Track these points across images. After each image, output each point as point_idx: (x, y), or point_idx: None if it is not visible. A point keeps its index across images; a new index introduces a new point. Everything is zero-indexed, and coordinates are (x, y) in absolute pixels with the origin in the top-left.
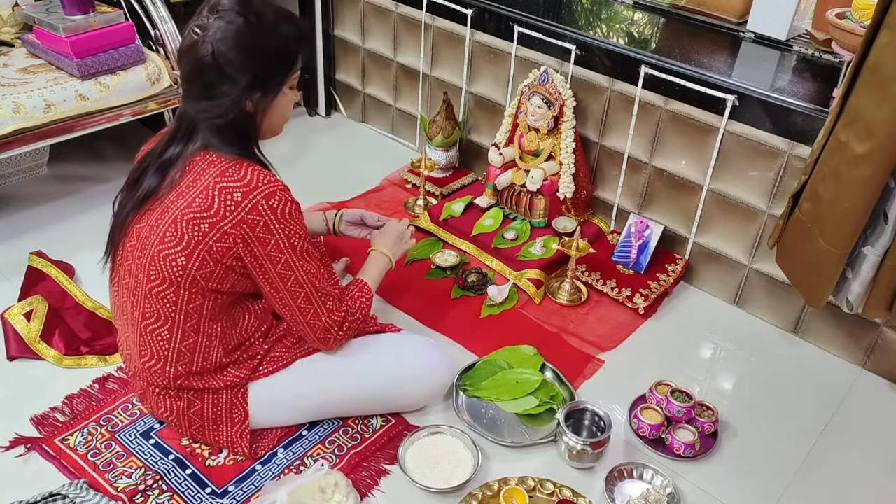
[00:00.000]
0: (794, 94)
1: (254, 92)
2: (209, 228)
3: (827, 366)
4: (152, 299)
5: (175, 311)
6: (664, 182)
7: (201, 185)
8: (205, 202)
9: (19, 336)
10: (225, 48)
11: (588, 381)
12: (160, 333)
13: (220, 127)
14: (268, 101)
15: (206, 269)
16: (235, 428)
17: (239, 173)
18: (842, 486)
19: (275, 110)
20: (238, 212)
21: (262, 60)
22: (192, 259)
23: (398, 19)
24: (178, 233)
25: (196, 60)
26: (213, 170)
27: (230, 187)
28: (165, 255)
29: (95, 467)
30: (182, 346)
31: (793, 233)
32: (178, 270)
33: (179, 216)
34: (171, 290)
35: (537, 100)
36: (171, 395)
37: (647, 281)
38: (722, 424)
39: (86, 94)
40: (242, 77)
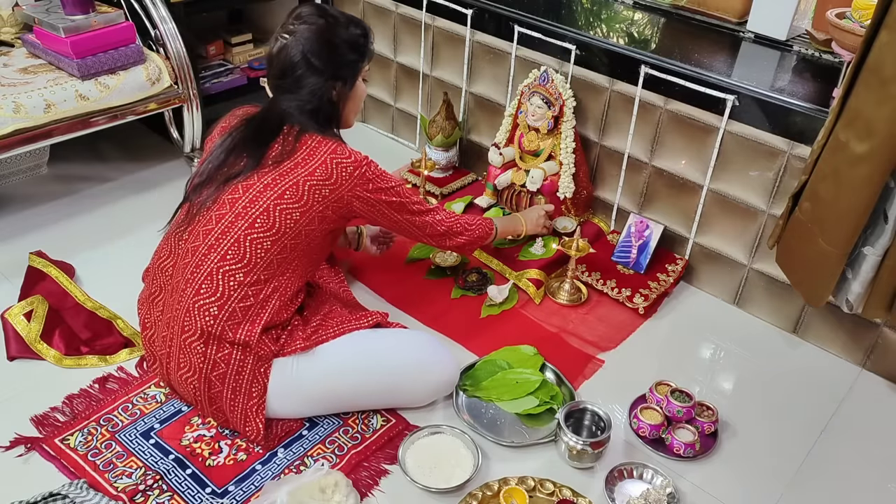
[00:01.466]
0: (794, 94)
1: (336, 82)
2: (329, 193)
3: (827, 366)
4: (245, 243)
5: (263, 257)
6: (664, 182)
7: (318, 159)
8: (325, 172)
9: (19, 336)
10: (312, 46)
11: (588, 381)
12: (235, 275)
13: (311, 112)
14: (347, 89)
15: (311, 227)
16: (252, 402)
17: (346, 152)
18: (842, 485)
19: (352, 99)
20: (351, 180)
21: (341, 53)
22: (304, 216)
23: (398, 19)
24: (299, 193)
25: (287, 59)
26: (324, 147)
27: (344, 162)
28: (283, 209)
29: (95, 467)
30: (250, 289)
31: (793, 233)
32: (291, 223)
33: (301, 181)
34: (271, 239)
35: (537, 100)
36: (200, 351)
37: (647, 281)
38: (722, 424)
39: (86, 94)
40: (327, 68)
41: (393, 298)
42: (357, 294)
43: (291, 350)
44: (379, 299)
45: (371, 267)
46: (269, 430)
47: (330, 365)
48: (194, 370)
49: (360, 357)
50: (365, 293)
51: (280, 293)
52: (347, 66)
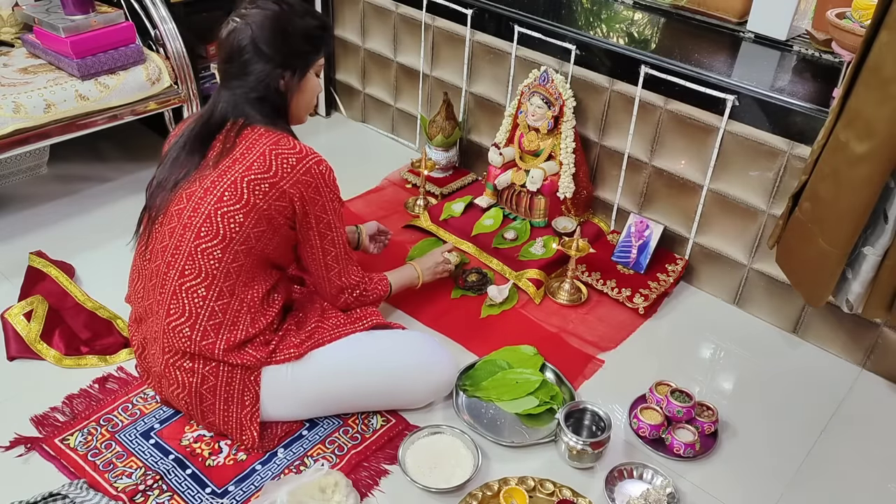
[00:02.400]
0: (794, 94)
1: (285, 71)
2: (269, 188)
3: (827, 365)
4: (197, 256)
5: (218, 268)
6: (664, 182)
7: (257, 152)
8: (263, 165)
9: (19, 336)
10: (261, 30)
11: (588, 381)
12: (197, 290)
13: (256, 100)
14: (296, 81)
15: (260, 228)
16: (245, 411)
17: (290, 143)
18: (841, 485)
19: (302, 92)
20: (294, 174)
21: (293, 42)
22: (248, 217)
23: (398, 19)
24: (238, 192)
25: (236, 43)
26: (265, 140)
27: (285, 153)
28: (224, 213)
29: (95, 467)
30: (215, 305)
31: (793, 233)
32: (235, 227)
33: (239, 178)
34: (220, 247)
35: (537, 100)
36: (187, 368)
37: (647, 281)
38: (722, 424)
39: (86, 94)
40: (276, 56)
41: (393, 298)
42: None
43: (285, 357)
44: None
45: (371, 267)
46: (269, 431)
47: (326, 369)
48: (183, 386)
49: (356, 360)
50: None
51: (249, 305)
52: (298, 57)
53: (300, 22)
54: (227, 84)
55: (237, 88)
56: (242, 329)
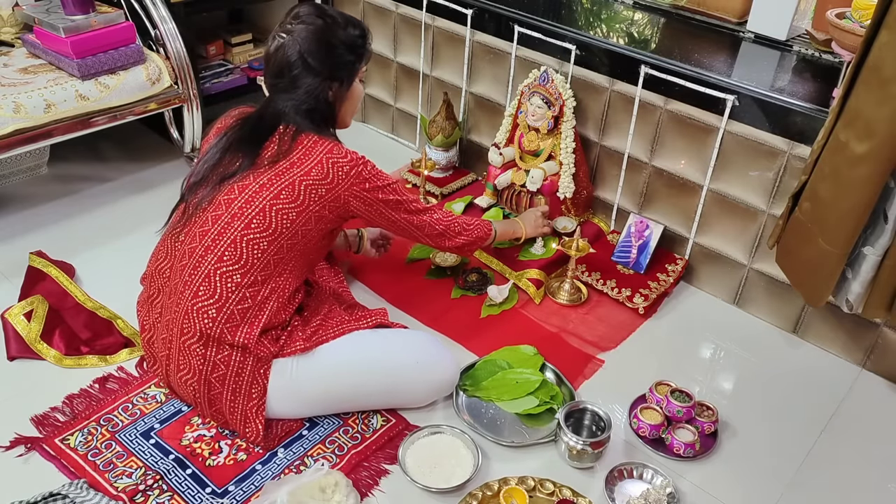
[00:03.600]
0: (794, 94)
1: (333, 82)
2: (325, 193)
3: (827, 365)
4: (241, 244)
5: (260, 258)
6: (664, 182)
7: (315, 159)
8: (321, 172)
9: (19, 336)
10: (308, 45)
11: (588, 381)
12: (232, 276)
13: (307, 112)
14: (344, 90)
15: (308, 227)
16: (252, 403)
17: (342, 151)
18: (841, 485)
19: (349, 100)
20: (348, 179)
21: (338, 54)
22: (301, 216)
23: (398, 19)
24: (295, 193)
25: (284, 59)
26: (320, 147)
27: (340, 161)
28: (279, 209)
29: (96, 467)
30: (247, 291)
31: (793, 233)
32: (287, 223)
33: (297, 181)
34: (267, 239)
35: (537, 100)
36: (200, 353)
37: (647, 281)
38: (722, 424)
39: (86, 94)
40: (323, 69)
41: (393, 298)
42: (357, 294)
43: (291, 351)
44: (379, 299)
45: (371, 267)
46: (269, 430)
47: (330, 365)
48: (194, 372)
49: (359, 357)
50: (365, 293)
51: (278, 294)
52: (344, 67)
53: (343, 33)
54: (277, 97)
55: (288, 100)
56: (266, 316)
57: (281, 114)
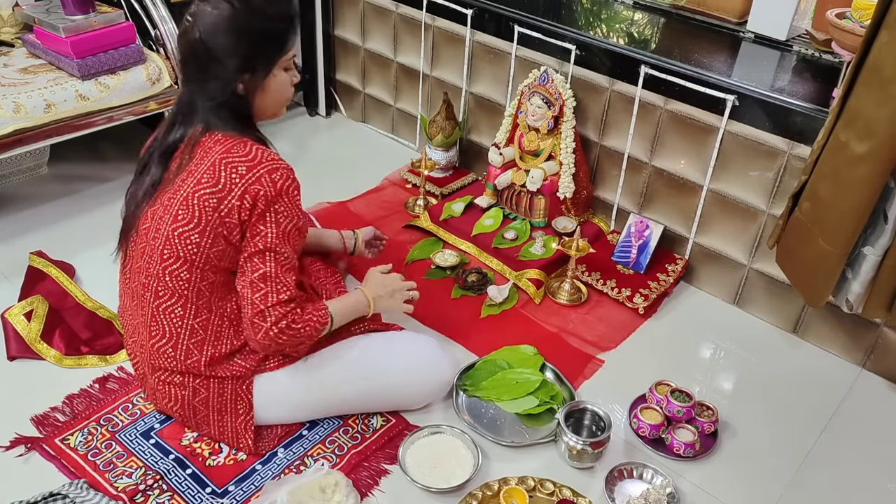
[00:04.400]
0: (794, 94)
1: (243, 74)
2: (217, 203)
3: (827, 365)
4: (166, 278)
5: (188, 288)
6: (664, 182)
7: (208, 163)
8: (212, 178)
9: (20, 336)
10: (211, 32)
11: (588, 380)
12: (173, 311)
13: (215, 108)
14: (258, 82)
15: (218, 248)
16: (240, 419)
17: (244, 150)
18: (841, 485)
19: (268, 92)
20: (242, 184)
21: (249, 43)
22: (204, 236)
23: (398, 19)
24: (190, 210)
25: (188, 45)
26: (218, 147)
27: (235, 162)
28: (180, 234)
29: (96, 467)
30: (195, 323)
31: (793, 233)
32: (193, 248)
33: (191, 194)
34: (185, 268)
35: (537, 100)
36: (178, 382)
37: (647, 281)
38: (722, 424)
39: (86, 94)
40: (230, 60)
41: None
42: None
43: (278, 364)
44: None
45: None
46: (269, 431)
47: (321, 374)
48: (176, 400)
49: (352, 365)
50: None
51: (230, 318)
52: (257, 57)
53: (257, 18)
54: (187, 87)
55: (196, 94)
56: (227, 342)
57: (189, 111)
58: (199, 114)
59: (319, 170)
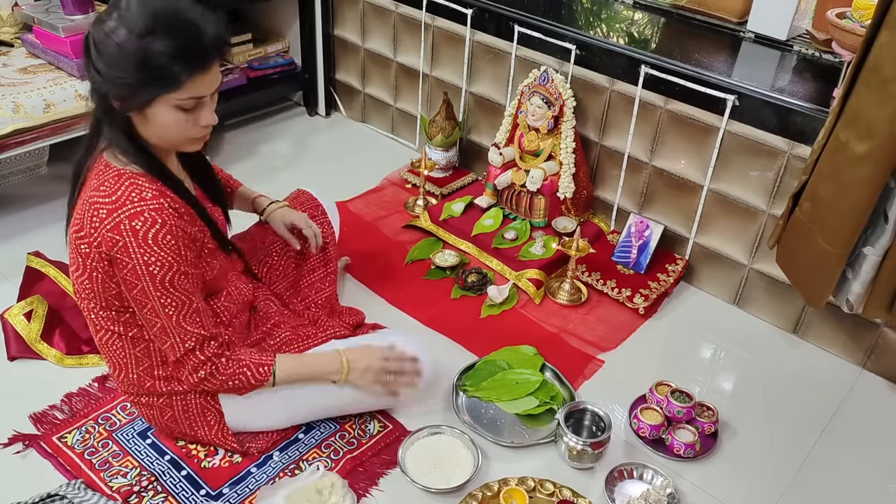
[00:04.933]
0: (794, 94)
1: (116, 93)
2: (88, 248)
3: (827, 366)
4: (91, 315)
5: (113, 324)
6: (664, 182)
7: (83, 198)
8: (80, 220)
9: (20, 336)
10: (93, 45)
11: (588, 381)
12: (113, 344)
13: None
14: (132, 107)
15: (111, 291)
16: (214, 430)
17: (113, 187)
18: (842, 485)
19: (150, 122)
20: (101, 229)
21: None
22: (92, 281)
23: (398, 19)
24: (73, 253)
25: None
26: (94, 181)
27: (99, 203)
28: (76, 279)
29: (91, 466)
30: (136, 352)
31: (793, 233)
32: (90, 293)
33: (72, 236)
34: (99, 308)
35: (537, 100)
36: (144, 403)
37: (648, 281)
38: (722, 425)
39: (85, 94)
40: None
41: (393, 299)
42: (356, 294)
43: None
44: (378, 299)
45: (370, 267)
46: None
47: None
48: (150, 419)
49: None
50: (364, 293)
51: None
52: (131, 84)
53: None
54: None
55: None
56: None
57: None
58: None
59: (319, 170)
